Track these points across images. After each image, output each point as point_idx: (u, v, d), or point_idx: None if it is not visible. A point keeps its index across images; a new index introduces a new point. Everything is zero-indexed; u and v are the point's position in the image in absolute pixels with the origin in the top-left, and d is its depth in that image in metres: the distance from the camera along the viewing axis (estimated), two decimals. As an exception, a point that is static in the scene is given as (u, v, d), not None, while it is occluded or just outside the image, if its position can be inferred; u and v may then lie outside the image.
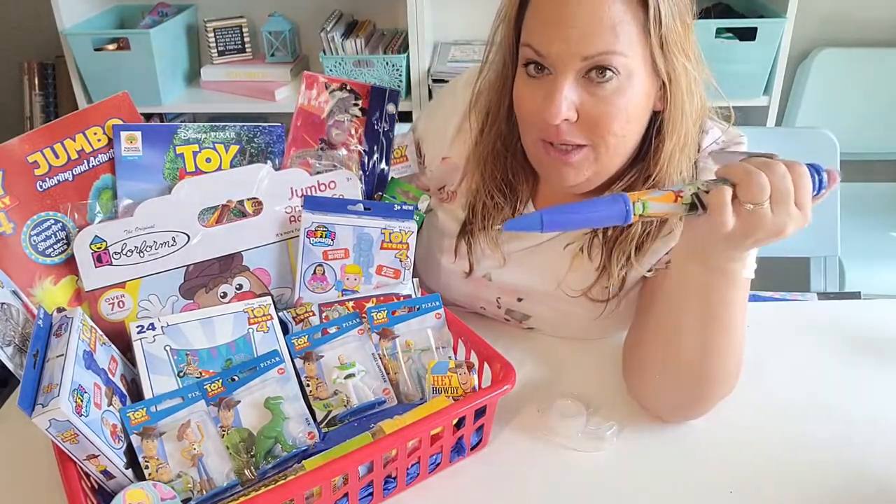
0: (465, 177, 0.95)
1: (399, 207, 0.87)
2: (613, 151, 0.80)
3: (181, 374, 0.76)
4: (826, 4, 2.07)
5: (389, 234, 0.85)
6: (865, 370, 0.91)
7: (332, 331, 0.81)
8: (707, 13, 1.96)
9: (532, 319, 0.97)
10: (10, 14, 2.24)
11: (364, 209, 0.86)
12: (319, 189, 0.87)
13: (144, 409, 0.71)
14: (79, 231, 0.78)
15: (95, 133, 0.80)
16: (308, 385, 0.78)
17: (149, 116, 2.01)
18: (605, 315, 0.90)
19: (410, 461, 0.74)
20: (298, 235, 0.85)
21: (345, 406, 0.77)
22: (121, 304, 0.80)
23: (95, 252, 0.78)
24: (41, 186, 0.78)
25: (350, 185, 0.88)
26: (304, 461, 0.70)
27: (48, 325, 0.72)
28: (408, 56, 1.94)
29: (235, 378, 0.75)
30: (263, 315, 0.81)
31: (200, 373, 0.77)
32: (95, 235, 0.78)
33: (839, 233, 1.49)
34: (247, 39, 2.10)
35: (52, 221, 0.79)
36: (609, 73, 0.75)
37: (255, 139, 0.86)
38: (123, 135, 0.81)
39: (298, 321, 0.83)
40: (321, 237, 0.84)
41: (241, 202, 0.84)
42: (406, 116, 1.99)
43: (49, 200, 0.78)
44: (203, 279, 0.83)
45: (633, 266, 0.86)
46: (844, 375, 0.91)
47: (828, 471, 0.77)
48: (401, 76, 1.96)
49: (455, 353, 0.86)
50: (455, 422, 0.76)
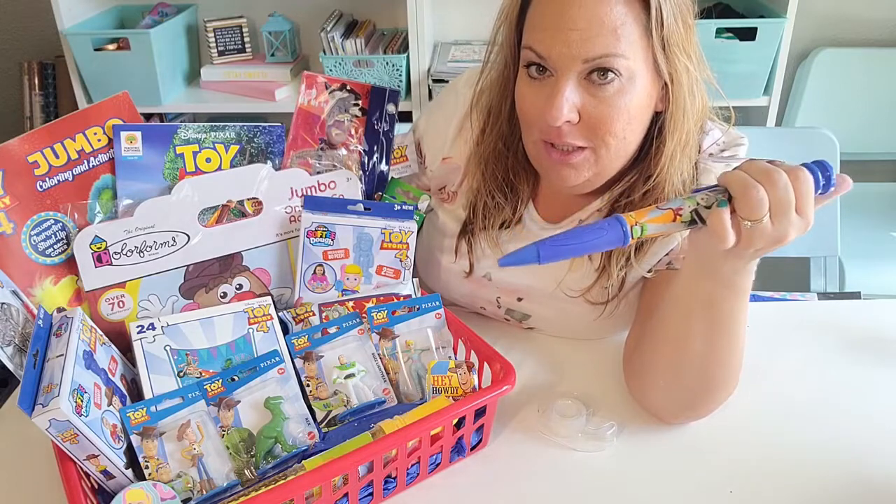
0: (466, 177, 0.95)
1: (399, 207, 0.87)
2: (614, 153, 0.80)
3: (181, 374, 0.76)
4: (826, 4, 2.07)
5: (389, 234, 0.85)
6: (865, 370, 0.91)
7: (332, 331, 0.81)
8: (707, 13, 1.96)
9: (532, 319, 0.97)
10: (10, 14, 2.24)
11: (364, 209, 0.86)
12: (319, 189, 0.87)
13: (144, 409, 0.71)
14: (79, 231, 0.78)
15: (95, 133, 0.80)
16: (308, 385, 0.78)
17: (149, 116, 2.01)
18: (605, 315, 0.90)
19: (410, 461, 0.74)
20: (298, 235, 0.85)
21: (345, 406, 0.77)
22: (121, 304, 0.80)
23: (95, 252, 0.78)
24: (41, 186, 0.78)
25: (350, 185, 0.88)
26: (304, 461, 0.70)
27: (48, 325, 0.72)
28: (408, 56, 1.94)
29: (235, 378, 0.75)
30: (263, 315, 0.81)
31: (200, 373, 0.77)
32: (95, 235, 0.78)
33: (839, 233, 1.49)
34: (247, 39, 2.10)
35: (52, 221, 0.79)
36: (611, 76, 0.75)
37: (255, 139, 0.86)
38: (123, 135, 0.81)
39: (298, 321, 0.84)
40: (321, 237, 0.84)
41: (241, 202, 0.84)
42: (406, 116, 1.99)
43: (49, 200, 0.78)
44: (203, 279, 0.83)
45: (633, 267, 0.86)
46: (844, 375, 0.91)
47: (828, 470, 0.77)
48: (401, 76, 1.96)
49: (455, 353, 0.86)
50: (455, 422, 0.76)
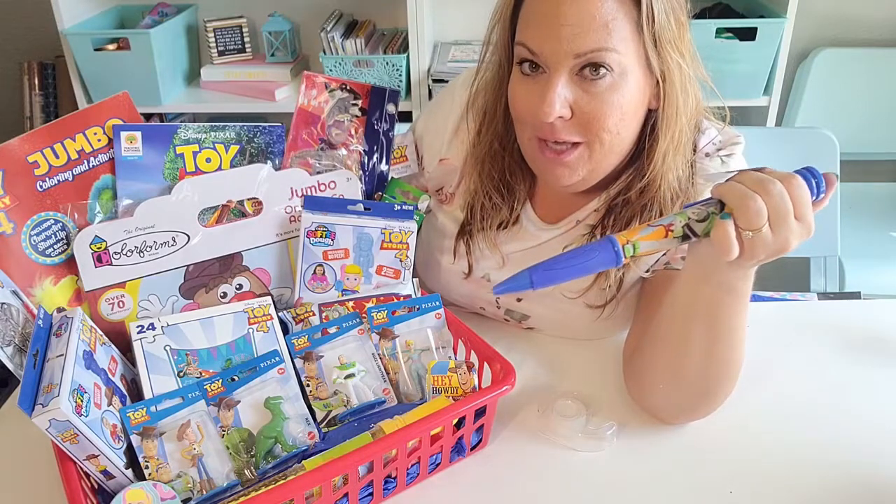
0: (463, 178, 0.95)
1: (399, 207, 0.87)
2: (608, 149, 0.80)
3: (181, 374, 0.76)
4: (826, 4, 2.07)
5: (389, 234, 0.85)
6: (865, 370, 0.91)
7: (332, 331, 0.81)
8: (707, 13, 1.96)
9: (531, 319, 0.97)
10: (10, 14, 2.24)
11: (364, 209, 0.86)
12: (319, 189, 0.87)
13: (144, 409, 0.71)
14: (79, 231, 0.78)
15: (95, 133, 0.80)
16: (308, 385, 0.78)
17: (149, 116, 2.01)
18: (605, 316, 0.90)
19: (410, 461, 0.74)
20: (298, 235, 0.85)
21: (345, 406, 0.77)
22: (121, 304, 0.80)
23: (95, 252, 0.78)
24: (41, 186, 0.78)
25: (350, 185, 0.88)
26: (304, 461, 0.70)
27: (48, 325, 0.72)
28: (408, 56, 1.94)
29: (235, 378, 0.75)
30: (263, 315, 0.81)
31: (200, 373, 0.77)
32: (95, 235, 0.78)
33: (839, 233, 1.49)
34: (247, 39, 2.10)
35: (52, 221, 0.79)
36: (602, 70, 0.76)
37: (255, 139, 0.86)
38: (123, 135, 0.81)
39: (298, 321, 0.84)
40: (321, 237, 0.84)
41: (241, 202, 0.84)
42: (406, 116, 1.99)
43: (49, 200, 0.78)
44: (203, 279, 0.83)
45: (631, 267, 0.86)
46: (844, 375, 0.91)
47: (828, 470, 0.77)
48: (401, 76, 1.96)
49: (455, 353, 0.86)
50: (455, 422, 0.76)
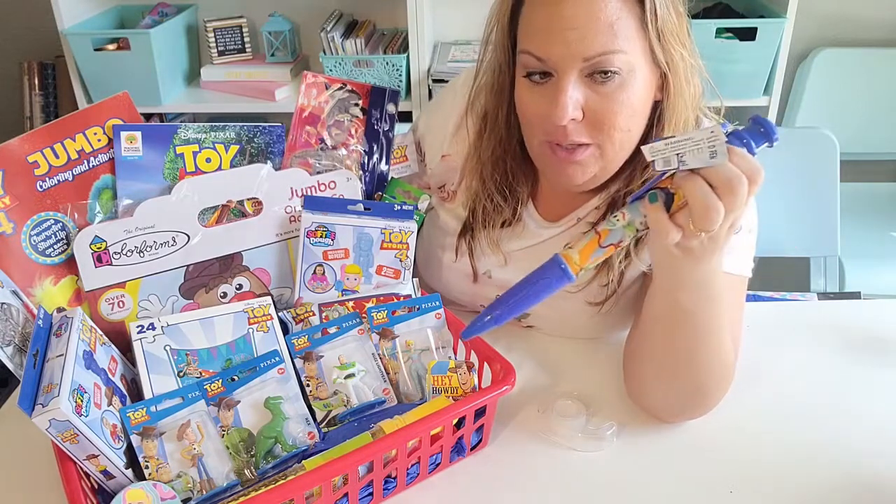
0: (465, 176, 0.95)
1: (399, 207, 0.87)
2: (619, 146, 0.81)
3: (181, 374, 0.76)
4: (826, 4, 2.07)
5: (389, 234, 0.85)
6: (865, 370, 0.91)
7: (332, 331, 0.81)
8: (707, 13, 1.96)
9: (532, 317, 0.97)
10: (10, 14, 2.24)
11: (364, 209, 0.86)
12: (319, 189, 0.87)
13: (144, 409, 0.71)
14: (79, 231, 0.78)
15: (95, 133, 0.80)
16: (308, 385, 0.78)
17: (149, 116, 2.01)
18: (604, 312, 0.90)
19: (410, 461, 0.74)
20: (298, 235, 0.85)
21: (345, 406, 0.77)
22: (121, 304, 0.80)
23: (95, 252, 0.78)
24: (41, 186, 0.78)
25: (350, 185, 0.88)
26: (304, 461, 0.70)
27: (48, 325, 0.72)
28: (408, 56, 1.94)
29: (235, 378, 0.75)
30: (263, 315, 0.81)
31: (200, 373, 0.77)
32: (95, 235, 0.78)
33: (839, 233, 1.49)
34: (247, 39, 2.10)
35: (52, 221, 0.79)
36: (611, 73, 0.76)
37: (255, 139, 0.86)
38: (123, 135, 0.81)
39: (298, 321, 0.83)
40: (321, 237, 0.84)
41: (241, 202, 0.84)
42: (406, 116, 1.99)
43: (49, 200, 0.78)
44: (203, 279, 0.83)
45: (633, 260, 0.86)
46: (844, 375, 0.91)
47: (828, 470, 0.77)
48: (401, 76, 1.96)
49: (455, 353, 0.86)
50: (455, 422, 0.76)
